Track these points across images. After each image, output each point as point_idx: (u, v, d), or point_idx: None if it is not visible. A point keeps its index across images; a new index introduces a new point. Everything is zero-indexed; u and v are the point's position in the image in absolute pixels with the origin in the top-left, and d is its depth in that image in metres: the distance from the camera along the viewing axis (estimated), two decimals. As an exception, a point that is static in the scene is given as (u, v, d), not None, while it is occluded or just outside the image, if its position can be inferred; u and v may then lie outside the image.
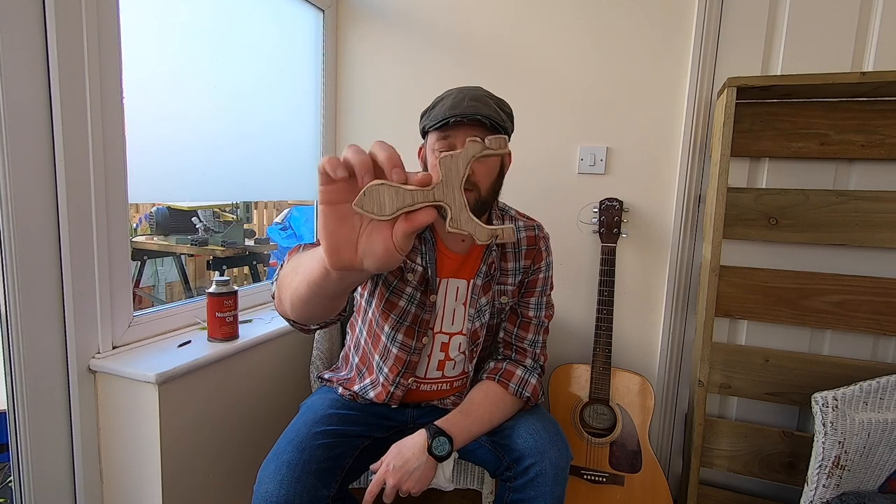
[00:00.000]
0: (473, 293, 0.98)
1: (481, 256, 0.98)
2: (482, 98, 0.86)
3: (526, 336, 1.02)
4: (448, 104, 0.85)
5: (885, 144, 1.21)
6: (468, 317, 0.98)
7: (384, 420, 1.02)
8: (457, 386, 1.04)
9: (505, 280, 1.00)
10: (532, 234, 1.02)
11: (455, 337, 1.00)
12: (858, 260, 1.28)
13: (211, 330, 1.16)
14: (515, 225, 1.01)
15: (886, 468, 1.04)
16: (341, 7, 1.71)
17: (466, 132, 0.83)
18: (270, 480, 0.81)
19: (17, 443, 0.93)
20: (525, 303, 1.03)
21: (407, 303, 0.95)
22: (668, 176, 1.42)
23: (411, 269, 0.94)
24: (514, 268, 1.00)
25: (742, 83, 1.15)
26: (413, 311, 0.95)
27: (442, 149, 0.85)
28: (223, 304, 1.15)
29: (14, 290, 0.88)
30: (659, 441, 1.51)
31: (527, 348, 1.02)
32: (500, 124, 0.84)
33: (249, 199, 2.82)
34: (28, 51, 0.87)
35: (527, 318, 1.03)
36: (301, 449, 0.85)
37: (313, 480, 0.83)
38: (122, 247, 1.05)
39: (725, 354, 1.37)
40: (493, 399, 0.95)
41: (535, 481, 0.86)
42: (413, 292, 0.95)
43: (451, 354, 1.00)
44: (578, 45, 1.46)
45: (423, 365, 1.01)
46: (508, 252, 1.00)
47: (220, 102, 1.32)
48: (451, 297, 0.98)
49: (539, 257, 1.02)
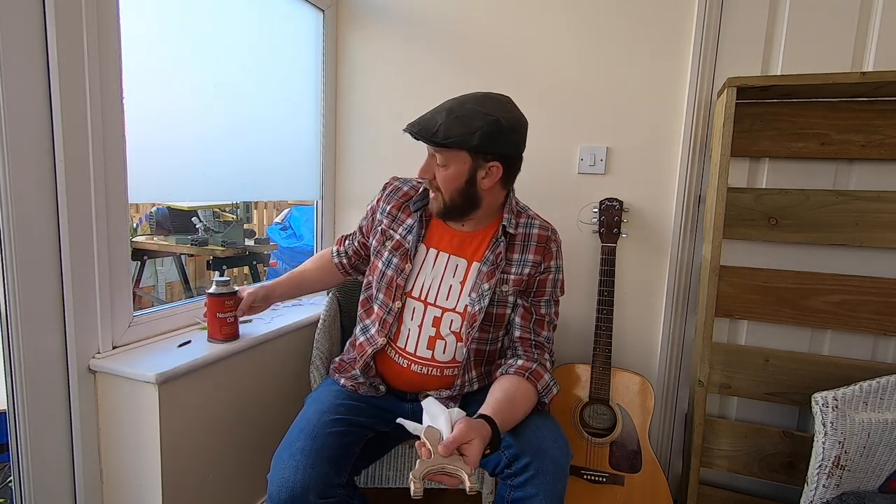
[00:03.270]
0: (478, 278, 1.00)
1: (488, 244, 1.02)
2: (455, 109, 0.91)
3: (542, 332, 1.04)
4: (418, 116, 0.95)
5: (885, 144, 1.21)
6: (470, 300, 1.00)
7: (386, 413, 1.03)
8: (447, 375, 1.03)
9: (509, 269, 1.02)
10: (545, 233, 1.05)
11: (448, 314, 1.01)
12: (858, 260, 1.28)
13: (211, 331, 1.14)
14: (530, 222, 1.05)
15: (886, 468, 1.04)
16: (341, 7, 1.71)
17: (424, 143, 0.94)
18: (286, 467, 0.82)
19: (17, 443, 0.93)
20: (537, 301, 1.04)
21: (384, 265, 1.05)
22: (668, 176, 1.42)
23: (389, 237, 1.07)
24: (520, 259, 1.02)
25: (742, 83, 1.15)
26: (389, 274, 1.04)
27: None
28: (224, 304, 1.13)
29: (14, 290, 0.88)
30: (659, 441, 1.51)
31: (544, 343, 1.03)
32: (437, 142, 0.90)
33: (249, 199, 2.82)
34: (28, 51, 0.87)
35: (540, 316, 1.04)
36: (314, 437, 0.87)
37: (327, 467, 0.84)
38: (122, 247, 1.05)
39: (725, 354, 1.37)
40: (528, 400, 0.94)
41: (536, 479, 0.87)
42: (389, 256, 1.05)
43: (443, 332, 1.01)
44: (579, 45, 1.46)
45: (410, 335, 1.02)
46: (516, 244, 1.03)
47: (220, 103, 1.32)
48: (448, 273, 1.02)
49: (549, 256, 1.03)
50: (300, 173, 1.66)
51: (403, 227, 1.06)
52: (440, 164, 0.94)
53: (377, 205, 1.13)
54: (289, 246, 3.37)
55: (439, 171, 0.95)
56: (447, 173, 0.94)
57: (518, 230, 1.03)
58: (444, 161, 0.93)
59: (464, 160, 0.93)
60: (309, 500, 0.80)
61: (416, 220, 1.06)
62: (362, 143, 1.74)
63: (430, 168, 0.96)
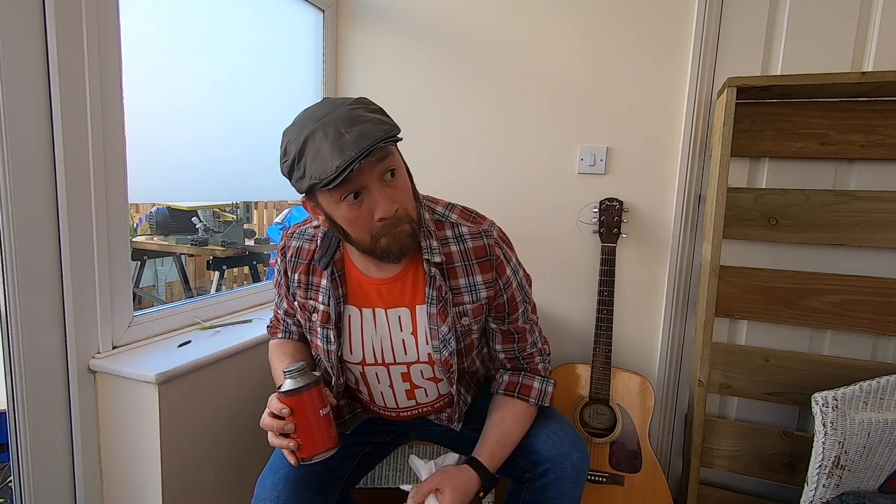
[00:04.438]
0: (431, 324, 0.85)
1: (423, 280, 0.85)
2: (358, 118, 0.69)
3: (526, 345, 0.95)
4: (327, 149, 0.67)
5: (885, 144, 1.21)
6: (433, 347, 0.87)
7: (382, 425, 1.01)
8: (440, 406, 0.98)
9: (461, 300, 0.86)
10: (480, 242, 0.85)
11: (415, 366, 0.90)
12: (858, 260, 1.28)
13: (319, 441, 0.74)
14: (459, 232, 0.86)
15: (886, 468, 1.04)
16: (341, 7, 1.71)
17: (371, 167, 0.70)
18: (268, 497, 0.80)
19: (17, 443, 0.93)
20: (513, 319, 0.91)
21: (324, 342, 0.88)
22: (668, 176, 1.42)
23: (314, 310, 0.88)
24: (468, 284, 0.86)
25: (742, 83, 1.15)
26: (334, 350, 0.87)
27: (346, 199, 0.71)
28: (322, 394, 0.75)
29: (14, 290, 0.88)
30: (659, 441, 1.51)
31: (531, 351, 0.96)
32: (391, 137, 0.70)
33: (249, 199, 2.82)
34: (28, 51, 0.87)
35: (520, 331, 0.93)
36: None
37: (311, 495, 0.82)
38: (122, 247, 1.05)
39: (725, 354, 1.37)
40: (522, 420, 0.91)
41: (556, 484, 0.85)
42: (324, 332, 0.87)
43: (417, 382, 0.92)
44: (579, 46, 1.46)
45: (385, 397, 0.94)
46: (457, 267, 0.85)
47: (220, 102, 1.32)
48: (394, 328, 0.87)
49: (500, 268, 0.86)
50: (300, 173, 1.65)
51: (322, 292, 0.87)
52: (394, 175, 0.74)
53: (284, 278, 0.93)
54: (289, 246, 3.36)
55: (396, 184, 0.74)
56: (404, 180, 0.77)
57: (450, 248, 0.85)
58: (397, 162, 0.75)
59: (400, 161, 0.76)
60: None
61: (328, 279, 0.86)
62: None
63: (391, 194, 0.73)
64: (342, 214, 0.74)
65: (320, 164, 0.67)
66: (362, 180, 0.70)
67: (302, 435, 0.73)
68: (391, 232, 0.74)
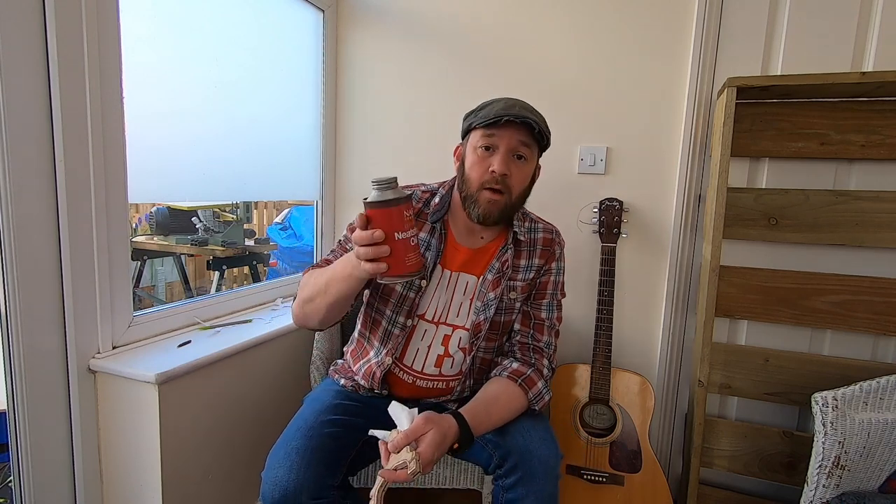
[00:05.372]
0: (482, 287, 0.99)
1: (495, 254, 1.00)
2: (531, 108, 0.94)
3: (542, 338, 1.02)
4: (499, 107, 0.90)
5: (885, 144, 1.21)
6: (474, 310, 0.99)
7: (385, 415, 1.02)
8: (452, 386, 1.03)
9: (515, 276, 1.01)
10: (549, 236, 1.05)
11: (458, 331, 1.00)
12: (858, 260, 1.28)
13: (394, 265, 0.69)
14: (534, 226, 1.05)
15: (886, 468, 1.04)
16: (341, 7, 1.71)
17: (512, 133, 0.89)
18: (280, 466, 0.82)
19: (17, 443, 0.93)
20: (537, 305, 1.03)
21: (405, 288, 0.98)
22: (668, 176, 1.42)
23: None
24: (527, 265, 1.02)
25: (742, 83, 1.15)
26: (408, 295, 0.98)
27: (484, 145, 0.91)
28: (403, 216, 0.68)
29: (14, 290, 0.88)
30: (659, 441, 1.51)
31: (543, 349, 1.02)
32: (545, 133, 0.92)
33: (249, 199, 2.82)
34: (28, 51, 0.87)
35: (539, 321, 1.03)
36: (310, 436, 0.87)
37: (321, 468, 0.84)
38: (122, 247, 1.05)
39: (725, 354, 1.37)
40: (513, 405, 0.94)
41: (524, 480, 0.86)
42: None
43: (451, 350, 1.00)
44: (579, 46, 1.46)
45: (418, 355, 1.00)
46: (523, 250, 1.02)
47: (220, 103, 1.32)
48: (459, 291, 1.00)
49: (551, 258, 1.03)
50: (300, 173, 1.66)
51: (421, 243, 0.96)
52: (522, 161, 0.93)
53: None
54: (289, 246, 3.37)
55: (518, 167, 0.92)
56: (525, 171, 0.94)
57: (525, 236, 1.03)
58: (529, 156, 0.93)
59: (535, 158, 0.96)
60: (301, 500, 0.80)
61: (433, 235, 0.99)
62: (362, 143, 1.74)
63: (510, 166, 0.91)
64: (472, 157, 0.93)
65: (487, 113, 0.90)
66: (501, 140, 0.90)
67: (390, 246, 0.68)
68: (490, 197, 0.91)
